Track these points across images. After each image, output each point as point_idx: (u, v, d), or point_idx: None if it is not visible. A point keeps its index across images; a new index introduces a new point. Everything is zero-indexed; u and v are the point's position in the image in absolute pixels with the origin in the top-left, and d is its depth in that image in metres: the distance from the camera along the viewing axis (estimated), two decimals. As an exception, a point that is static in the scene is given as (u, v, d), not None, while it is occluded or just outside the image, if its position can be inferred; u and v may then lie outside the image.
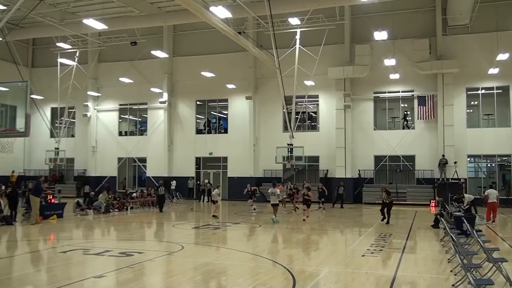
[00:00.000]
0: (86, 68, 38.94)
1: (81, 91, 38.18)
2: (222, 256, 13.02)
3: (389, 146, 33.63)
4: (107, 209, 25.33)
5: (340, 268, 11.35)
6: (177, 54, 39.17)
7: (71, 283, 9.55)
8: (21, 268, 11.67)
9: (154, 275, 10.75)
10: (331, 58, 34.08)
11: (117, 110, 41.28)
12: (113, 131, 41.15)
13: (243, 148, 36.83)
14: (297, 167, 35.44)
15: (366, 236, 16.94)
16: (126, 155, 40.19)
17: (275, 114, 36.41)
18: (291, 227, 19.99)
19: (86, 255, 12.92)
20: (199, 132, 39.23)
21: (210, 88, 37.60)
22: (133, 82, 38.91)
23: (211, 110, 39.66)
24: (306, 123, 37.03)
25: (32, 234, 17.39)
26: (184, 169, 38.61)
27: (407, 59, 32.84)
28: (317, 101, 36.27)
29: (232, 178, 36.93)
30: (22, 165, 42.38)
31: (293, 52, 31.05)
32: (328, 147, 34.96)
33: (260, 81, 37.14)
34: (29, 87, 10.97)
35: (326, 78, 34.03)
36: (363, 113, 34.71)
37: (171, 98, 39.17)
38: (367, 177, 33.93)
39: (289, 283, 9.49)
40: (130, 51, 37.96)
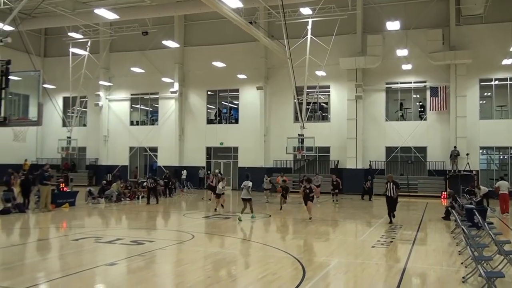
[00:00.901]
0: (98, 57, 39.07)
1: (92, 81, 38.34)
2: (232, 246, 13.07)
3: (401, 137, 33.43)
4: (118, 198, 25.54)
5: (349, 258, 11.36)
6: (188, 44, 39.14)
7: (83, 270, 9.66)
8: (33, 255, 11.83)
9: (164, 264, 10.84)
10: (343, 48, 33.85)
11: (129, 99, 41.43)
12: (124, 120, 41.34)
13: (254, 138, 36.83)
14: (308, 158, 35.39)
15: (377, 227, 16.90)
16: (138, 144, 40.39)
17: (286, 105, 36.33)
18: (301, 217, 20.00)
19: (97, 243, 13.05)
20: (210, 122, 39.28)
21: (221, 78, 37.58)
22: (145, 72, 39.00)
23: (222, 100, 39.65)
24: (317, 113, 36.88)
25: (45, 222, 17.60)
26: (195, 158, 38.73)
27: (420, 49, 32.52)
28: (328, 92, 36.10)
29: (243, 168, 36.93)
30: (34, 154, 42.78)
31: (305, 42, 30.89)
32: (339, 138, 34.84)
33: (271, 71, 37.03)
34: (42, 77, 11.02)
35: (337, 68, 33.83)
36: (374, 103, 34.50)
37: (182, 88, 39.21)
38: (378, 168, 33.79)
39: (298, 273, 9.51)
40: (141, 41, 38.00)
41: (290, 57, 28.85)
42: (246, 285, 8.83)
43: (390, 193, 17.62)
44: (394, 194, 17.54)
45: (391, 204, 17.79)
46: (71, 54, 37.41)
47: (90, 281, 9.11)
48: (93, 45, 38.19)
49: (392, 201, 17.73)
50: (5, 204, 19.75)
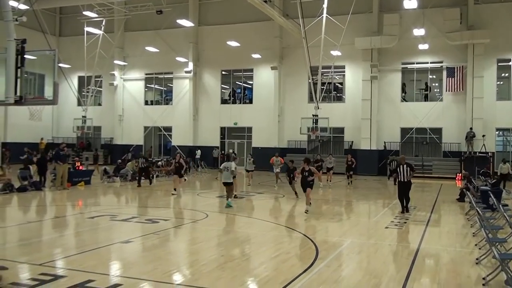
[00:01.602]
0: (112, 37, 39.06)
1: (107, 60, 38.43)
2: (245, 225, 13.15)
3: (416, 118, 33.11)
4: (133, 177, 25.75)
5: (363, 239, 11.36)
6: (202, 23, 38.93)
7: (98, 247, 9.80)
8: (50, 232, 12.02)
9: (179, 242, 10.94)
10: (359, 27, 33.40)
11: (143, 79, 41.52)
12: (139, 100, 41.49)
13: (268, 118, 36.76)
14: (322, 139, 35.30)
15: (390, 208, 16.86)
16: (152, 124, 40.58)
17: (301, 85, 36.12)
18: (315, 197, 20.00)
19: (113, 221, 13.21)
20: (224, 102, 39.26)
21: (235, 57, 37.40)
22: (159, 52, 38.96)
23: (236, 80, 39.54)
24: (332, 94, 36.66)
25: (61, 200, 17.85)
26: (209, 138, 38.84)
27: (437, 29, 31.97)
28: (343, 72, 35.79)
29: (257, 148, 36.99)
30: (50, 133, 43.24)
31: (320, 22, 30.52)
32: (353, 119, 34.63)
33: (285, 51, 36.75)
34: (57, 56, 11.03)
35: (353, 48, 33.45)
36: (390, 84, 34.16)
37: (196, 67, 39.13)
38: (393, 149, 33.59)
39: (312, 252, 9.55)
40: (156, 20, 37.87)
41: (305, 37, 28.56)
42: (259, 264, 8.89)
43: (402, 177, 15.05)
44: (408, 177, 14.93)
45: (403, 189, 15.23)
46: (85, 33, 37.43)
47: (106, 258, 9.24)
48: (107, 24, 38.16)
49: (405, 187, 15.13)
50: (22, 182, 20.05)
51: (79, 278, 7.48)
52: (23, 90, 10.73)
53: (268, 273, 8.20)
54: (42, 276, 7.56)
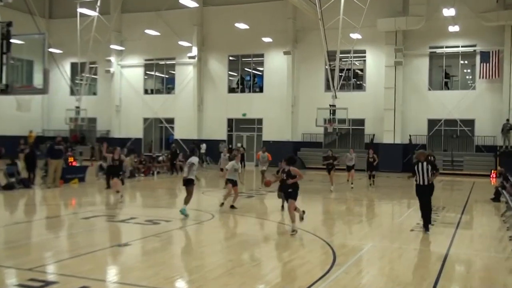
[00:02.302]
0: (109, 19, 39.05)
1: (103, 45, 38.49)
2: (256, 227, 13.15)
3: (445, 109, 32.88)
4: (132, 174, 25.88)
5: (385, 243, 11.32)
6: (208, 4, 38.88)
7: (94, 250, 9.85)
8: (40, 233, 12.10)
9: (182, 245, 10.98)
10: (381, 7, 33.17)
11: (143, 65, 41.63)
12: (138, 89, 41.63)
13: (280, 109, 36.72)
14: (340, 131, 35.22)
15: (416, 209, 16.73)
16: (153, 115, 40.71)
17: (317, 72, 36.01)
18: (333, 197, 19.98)
19: (110, 222, 13.29)
20: (231, 91, 39.26)
21: (244, 41, 37.34)
22: (160, 35, 38.98)
23: (245, 67, 39.49)
24: (351, 81, 36.52)
25: (52, 198, 17.98)
26: (215, 131, 38.90)
27: (469, 8, 31.66)
28: (364, 57, 35.61)
29: (268, 142, 36.94)
30: (40, 125, 43.53)
31: (338, 1, 30.31)
32: (375, 109, 34.48)
33: (300, 34, 36.62)
34: (47, 40, 11.06)
35: (375, 30, 33.23)
36: (417, 70, 33.95)
37: (201, 52, 39.14)
38: (419, 143, 33.42)
39: (328, 257, 9.53)
40: (157, 0, 37.86)
41: (321, 18, 28.42)
42: (271, 269, 8.89)
43: (421, 178, 12.11)
44: (430, 178, 12.08)
45: (422, 196, 12.42)
46: (79, 15, 37.46)
47: (102, 262, 9.29)
48: (103, 4, 38.06)
49: (425, 192, 12.32)
50: (8, 178, 20.17)
51: (73, 284, 7.53)
52: (10, 78, 10.78)
53: (280, 280, 8.19)
54: (31, 282, 7.61)
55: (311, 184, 25.55)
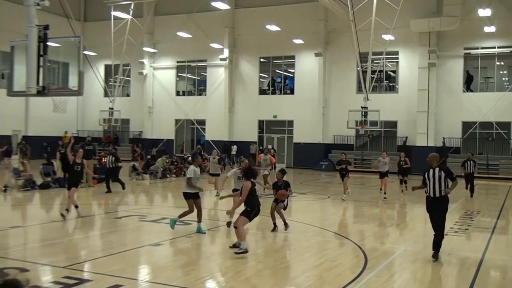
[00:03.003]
0: (142, 22, 39.56)
1: (136, 47, 39.01)
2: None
3: (481, 111, 32.26)
4: (164, 174, 26.15)
5: (418, 247, 11.16)
6: (239, 6, 39.03)
7: (126, 250, 9.99)
8: (74, 232, 12.33)
9: (212, 246, 11.03)
10: (415, 8, 32.73)
11: (175, 67, 42.02)
12: (170, 90, 42.04)
13: (311, 111, 36.58)
14: (372, 134, 34.89)
15: (450, 213, 16.42)
16: (184, 116, 41.05)
17: (348, 73, 35.77)
18: (365, 200, 19.80)
19: (142, 221, 13.45)
20: (262, 93, 39.29)
21: (275, 43, 37.34)
22: (192, 37, 39.26)
23: (276, 68, 39.49)
24: (383, 83, 36.15)
25: (86, 198, 18.28)
26: (245, 133, 38.99)
27: (506, 8, 31.03)
28: (396, 59, 35.22)
29: (298, 144, 36.91)
30: (75, 126, 44.35)
31: (370, 2, 30.05)
32: (408, 111, 34.05)
33: (331, 35, 36.43)
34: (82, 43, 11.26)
35: (408, 31, 32.82)
36: (451, 72, 33.41)
37: (233, 54, 39.30)
38: (453, 146, 32.87)
39: (360, 261, 9.45)
40: (188, 3, 38.23)
41: (353, 20, 28.22)
42: (301, 272, 8.86)
43: (432, 190, 10.08)
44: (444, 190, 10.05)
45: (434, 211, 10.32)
46: (113, 18, 38.05)
47: (134, 261, 9.42)
48: (136, 7, 38.62)
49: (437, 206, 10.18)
50: (44, 178, 20.62)
51: (106, 282, 7.64)
52: (46, 80, 11.02)
53: (311, 283, 8.16)
54: (66, 279, 7.76)
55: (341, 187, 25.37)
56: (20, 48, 11.57)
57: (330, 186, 24.44)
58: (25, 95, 11.65)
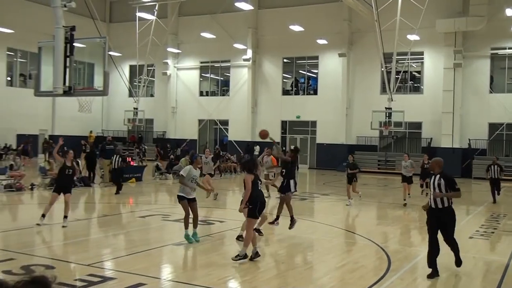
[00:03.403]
0: (166, 22, 39.88)
1: (160, 48, 39.31)
2: (309, 230, 13.08)
3: (508, 113, 31.72)
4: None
5: (442, 250, 11.01)
6: (262, 6, 39.04)
7: (149, 249, 10.07)
8: (98, 230, 12.48)
9: (235, 246, 11.05)
10: (440, 8, 32.34)
11: (198, 68, 42.23)
12: (193, 90, 42.25)
13: (335, 111, 36.40)
14: (396, 135, 34.60)
15: (475, 216, 16.28)
16: (207, 117, 41.20)
17: (372, 74, 35.51)
18: (388, 201, 19.63)
19: (165, 221, 13.54)
20: (285, 93, 39.24)
21: (298, 44, 37.25)
22: (215, 38, 39.41)
23: (300, 69, 39.40)
24: (408, 84, 35.79)
25: (110, 197, 18.48)
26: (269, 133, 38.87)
27: (535, 8, 30.43)
28: (421, 59, 34.84)
29: (321, 144, 36.75)
30: (100, 126, 44.87)
31: (395, 2, 29.80)
32: (433, 112, 33.66)
33: (355, 35, 36.21)
34: (107, 44, 11.40)
35: (433, 31, 32.44)
36: (477, 72, 32.91)
37: (256, 55, 39.33)
38: (479, 147, 32.39)
39: (383, 263, 9.38)
40: (212, 3, 38.36)
41: (377, 20, 28.02)
42: (324, 273, 8.83)
43: (432, 200, 8.75)
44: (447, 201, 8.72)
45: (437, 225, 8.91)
46: (137, 19, 38.41)
47: (157, 260, 9.50)
48: (160, 8, 38.94)
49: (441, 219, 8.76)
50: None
51: (129, 281, 7.72)
52: (72, 80, 11.18)
53: (333, 284, 8.13)
54: (90, 277, 7.86)
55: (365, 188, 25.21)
56: (47, 49, 11.77)
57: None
58: (51, 95, 11.83)
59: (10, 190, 18.27)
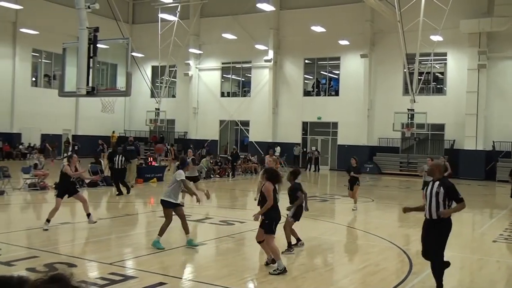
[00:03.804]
0: (188, 23, 40.06)
1: (182, 49, 39.52)
2: (329, 231, 13.03)
3: (533, 114, 31.22)
4: (208, 175, 26.40)
5: (465, 253, 10.88)
6: (284, 7, 39.01)
7: (170, 248, 10.12)
8: (120, 230, 12.59)
9: (255, 246, 11.04)
10: (464, 8, 31.94)
11: (220, 69, 42.36)
12: (215, 91, 42.39)
13: (356, 112, 36.20)
14: (418, 136, 34.27)
15: (499, 219, 16.03)
16: (228, 117, 41.29)
17: (394, 75, 35.23)
18: (410, 203, 19.44)
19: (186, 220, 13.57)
20: (307, 94, 39.15)
21: (320, 44, 37.14)
22: (236, 39, 39.51)
23: (321, 70, 39.27)
24: (431, 85, 35.43)
25: (132, 197, 18.63)
26: (289, 134, 38.92)
27: (562, 8, 29.89)
28: (445, 60, 34.45)
29: (343, 146, 36.57)
30: (122, 126, 45.29)
31: (418, 2, 29.51)
32: (456, 114, 33.26)
33: (377, 36, 35.97)
34: (130, 45, 11.52)
35: (457, 32, 32.05)
36: (502, 74, 32.43)
37: (277, 56, 39.32)
38: (503, 150, 31.89)
39: (404, 266, 9.29)
40: (234, 5, 38.47)
41: (400, 20, 27.80)
42: (344, 275, 8.78)
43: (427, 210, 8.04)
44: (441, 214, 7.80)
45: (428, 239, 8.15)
46: (160, 20, 38.70)
47: (178, 260, 9.55)
48: (183, 10, 39.20)
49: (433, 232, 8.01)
50: (92, 176, 21.14)
51: (150, 280, 7.78)
52: (95, 81, 11.32)
53: (354, 286, 8.09)
54: (112, 275, 7.94)
55: (387, 190, 25.04)
56: (71, 50, 11.93)
57: (375, 189, 24.10)
58: (75, 95, 11.99)
59: (34, 188, 18.57)
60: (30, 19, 36.09)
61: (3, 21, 36.01)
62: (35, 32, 35.85)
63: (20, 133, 37.35)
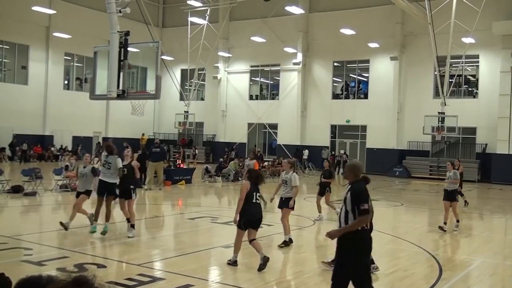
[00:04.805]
0: (217, 27, 40.29)
1: (211, 52, 39.73)
2: (357, 235, 12.91)
3: None
4: (236, 177, 26.47)
5: (497, 259, 10.68)
6: (313, 10, 38.92)
7: (198, 250, 10.20)
8: (148, 232, 12.72)
9: (282, 250, 11.05)
10: (497, 9, 31.36)
11: (248, 72, 42.47)
12: (243, 94, 42.52)
13: (385, 116, 35.86)
14: (449, 140, 33.77)
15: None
16: (257, 120, 41.36)
17: (425, 78, 34.79)
18: (440, 208, 19.15)
19: (213, 223, 13.67)
20: (335, 97, 38.96)
21: (349, 47, 36.93)
22: (265, 42, 39.55)
23: (350, 73, 39.03)
24: (462, 88, 34.88)
25: (161, 199, 18.82)
26: (317, 137, 38.77)
27: None
28: (477, 62, 33.87)
29: (371, 149, 36.26)
30: (152, 128, 45.78)
31: (449, 4, 29.08)
32: (488, 117, 32.65)
33: (408, 38, 35.59)
34: (160, 48, 11.64)
35: (489, 34, 31.49)
36: (536, 76, 31.70)
37: (306, 59, 39.23)
38: (537, 154, 31.17)
39: (434, 271, 9.16)
40: (263, 8, 38.47)
41: (431, 22, 27.45)
42: (373, 280, 8.69)
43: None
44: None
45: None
46: (189, 23, 38.99)
47: (206, 262, 9.60)
48: (212, 13, 39.42)
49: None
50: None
51: (178, 281, 7.84)
52: (126, 84, 11.47)
53: (382, 291, 8.00)
54: (140, 277, 8.03)
55: (416, 194, 24.73)
56: (102, 53, 12.13)
57: (404, 193, 23.83)
58: (106, 98, 12.17)
59: (66, 190, 18.90)
60: (62, 24, 36.85)
61: (37, 26, 36.88)
62: (68, 36, 36.58)
63: (52, 135, 38.14)
